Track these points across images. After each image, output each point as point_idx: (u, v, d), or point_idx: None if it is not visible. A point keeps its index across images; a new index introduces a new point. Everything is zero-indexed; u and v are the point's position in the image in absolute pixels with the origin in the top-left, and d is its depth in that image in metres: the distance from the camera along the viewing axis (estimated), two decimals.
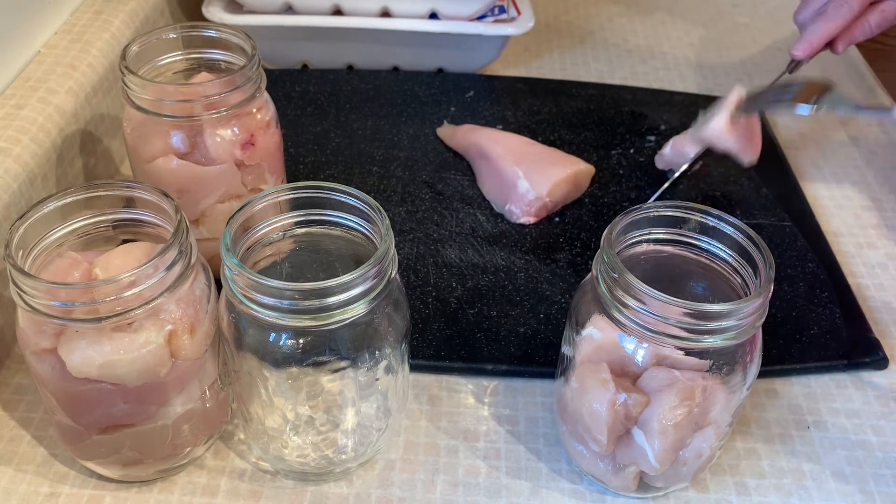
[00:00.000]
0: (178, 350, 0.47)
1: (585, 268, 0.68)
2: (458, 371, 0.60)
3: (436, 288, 0.65)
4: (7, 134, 0.62)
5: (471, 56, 0.90)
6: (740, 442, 0.56)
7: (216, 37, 0.62)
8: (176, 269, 0.46)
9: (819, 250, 0.70)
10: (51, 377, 0.46)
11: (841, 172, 0.81)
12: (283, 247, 0.51)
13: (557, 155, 0.75)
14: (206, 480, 0.53)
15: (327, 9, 0.85)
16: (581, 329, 0.50)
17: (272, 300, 0.44)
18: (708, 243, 0.50)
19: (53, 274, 0.47)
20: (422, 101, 0.86)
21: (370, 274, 0.44)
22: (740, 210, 0.74)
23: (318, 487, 0.53)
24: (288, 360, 0.48)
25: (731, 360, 0.47)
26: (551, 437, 0.56)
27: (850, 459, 0.56)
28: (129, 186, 0.50)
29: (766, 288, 0.45)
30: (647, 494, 0.52)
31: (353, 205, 0.49)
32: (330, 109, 0.84)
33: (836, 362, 0.61)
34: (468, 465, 0.54)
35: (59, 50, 0.71)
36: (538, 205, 0.70)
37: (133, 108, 0.58)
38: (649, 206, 0.50)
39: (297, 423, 0.51)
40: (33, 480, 0.52)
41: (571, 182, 0.72)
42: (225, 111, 0.57)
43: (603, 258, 0.47)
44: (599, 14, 1.06)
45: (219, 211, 0.61)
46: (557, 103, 0.86)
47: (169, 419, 0.49)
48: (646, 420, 0.48)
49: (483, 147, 0.76)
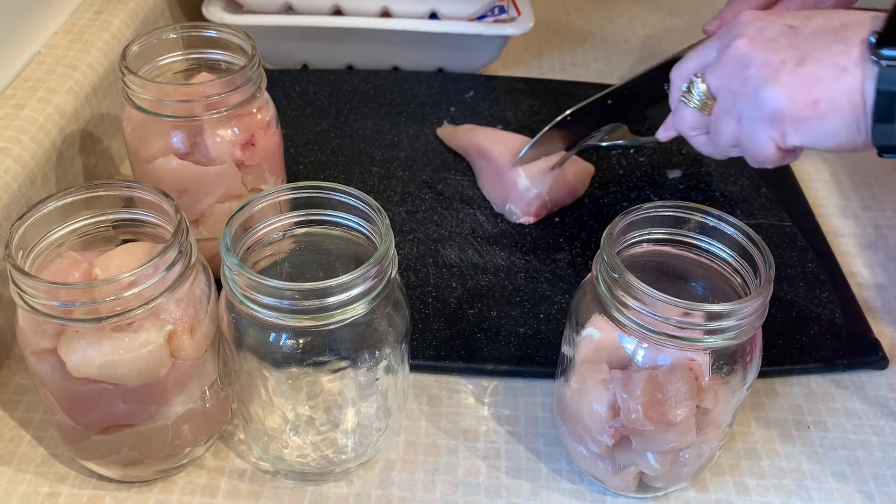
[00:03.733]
0: (178, 350, 0.47)
1: (585, 268, 0.68)
2: (458, 371, 0.60)
3: (436, 288, 0.65)
4: (7, 134, 0.62)
5: (471, 56, 0.90)
6: (740, 442, 0.56)
7: (217, 37, 0.62)
8: (176, 269, 0.46)
9: (819, 250, 0.70)
10: (51, 377, 0.46)
11: (841, 172, 0.81)
12: (283, 247, 0.51)
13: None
14: (206, 480, 0.53)
15: (327, 9, 0.85)
16: (581, 329, 0.50)
17: (272, 300, 0.44)
18: (708, 243, 0.50)
19: (53, 274, 0.47)
20: (422, 101, 0.86)
21: (370, 274, 0.45)
22: (740, 210, 0.74)
23: (318, 487, 0.53)
24: (288, 360, 0.48)
25: (731, 360, 0.47)
26: (551, 437, 0.56)
27: (850, 459, 0.56)
28: (129, 186, 0.50)
29: (766, 288, 0.45)
30: (647, 494, 0.52)
31: (353, 205, 0.49)
32: (330, 109, 0.84)
33: (836, 362, 0.61)
34: (468, 465, 0.54)
35: (59, 50, 0.71)
36: (538, 203, 0.70)
37: (133, 108, 0.58)
38: (649, 206, 0.50)
39: (297, 423, 0.51)
40: (33, 480, 0.52)
41: (571, 180, 0.72)
42: (225, 111, 0.57)
43: (603, 258, 0.47)
44: (599, 14, 1.06)
45: (219, 211, 0.61)
46: (557, 103, 0.86)
47: (169, 419, 0.49)
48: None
49: (483, 147, 0.76)
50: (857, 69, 0.48)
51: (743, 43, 0.53)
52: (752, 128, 0.53)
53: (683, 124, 0.58)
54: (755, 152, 0.54)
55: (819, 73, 0.49)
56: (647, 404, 0.46)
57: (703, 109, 0.57)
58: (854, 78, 0.48)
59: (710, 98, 0.56)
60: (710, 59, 0.56)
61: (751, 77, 0.52)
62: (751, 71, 0.52)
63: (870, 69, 0.48)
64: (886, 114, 0.47)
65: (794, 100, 0.50)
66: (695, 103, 0.56)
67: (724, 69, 0.54)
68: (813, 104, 0.49)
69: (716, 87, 0.55)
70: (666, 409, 0.46)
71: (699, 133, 0.59)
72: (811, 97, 0.49)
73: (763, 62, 0.51)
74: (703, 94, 0.56)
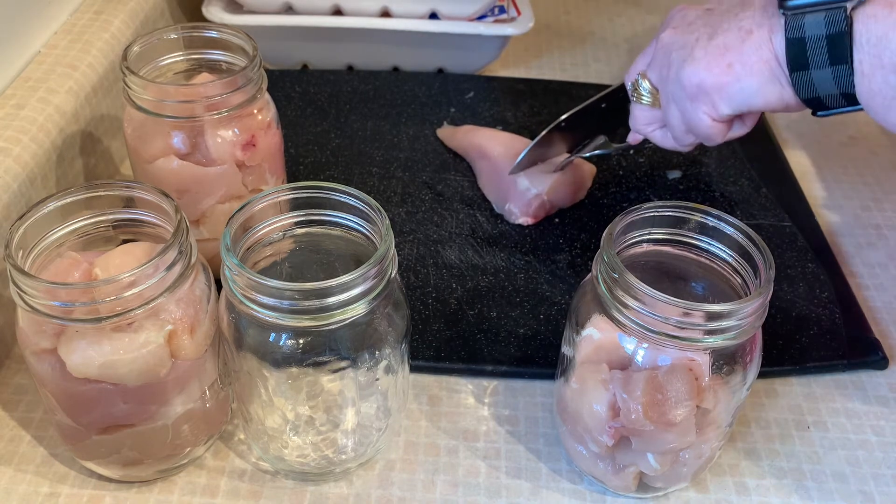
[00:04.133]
0: (178, 350, 0.47)
1: (585, 268, 0.68)
2: (458, 372, 0.60)
3: (436, 289, 0.65)
4: (7, 134, 0.62)
5: (471, 56, 0.90)
6: (740, 442, 0.56)
7: (217, 37, 0.62)
8: (176, 269, 0.46)
9: (819, 250, 0.70)
10: (51, 377, 0.46)
11: (841, 172, 0.81)
12: (283, 247, 0.51)
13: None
14: (206, 480, 0.53)
15: (327, 9, 0.85)
16: (581, 329, 0.50)
17: (272, 300, 0.44)
18: (708, 243, 0.50)
19: (53, 274, 0.47)
20: (422, 102, 0.86)
21: (370, 274, 0.45)
22: (740, 210, 0.74)
23: (318, 487, 0.53)
24: (288, 360, 0.48)
25: (731, 360, 0.47)
26: (551, 437, 0.56)
27: (850, 459, 0.56)
28: (129, 186, 0.50)
29: (766, 288, 0.45)
30: (647, 494, 0.52)
31: (353, 205, 0.49)
32: (330, 110, 0.84)
33: (836, 362, 0.61)
34: (468, 465, 0.54)
35: (59, 50, 0.71)
36: (537, 203, 0.70)
37: (134, 108, 0.58)
38: (649, 206, 0.50)
39: (297, 423, 0.51)
40: (33, 480, 0.52)
41: (571, 182, 0.72)
42: (226, 112, 0.57)
43: (603, 258, 0.47)
44: (599, 14, 1.06)
45: (219, 211, 0.61)
46: (557, 104, 0.86)
47: (169, 419, 0.49)
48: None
49: (483, 147, 0.76)
50: (763, 28, 0.52)
51: (667, 33, 0.58)
52: (685, 107, 0.57)
53: (638, 122, 0.64)
54: (697, 130, 0.58)
55: (727, 41, 0.53)
56: (647, 404, 0.46)
57: (654, 104, 0.61)
58: (760, 37, 0.52)
59: (656, 91, 0.60)
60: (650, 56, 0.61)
61: (673, 61, 0.56)
62: (673, 56, 0.56)
63: (776, 23, 0.51)
64: (799, 61, 0.50)
65: (710, 69, 0.54)
66: (644, 100, 0.61)
67: (656, 61, 0.59)
68: (727, 69, 0.53)
69: (655, 80, 0.60)
70: (666, 410, 0.46)
71: (655, 128, 0.63)
72: (725, 62, 0.53)
73: (681, 45, 0.56)
74: (648, 90, 0.60)
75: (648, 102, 0.60)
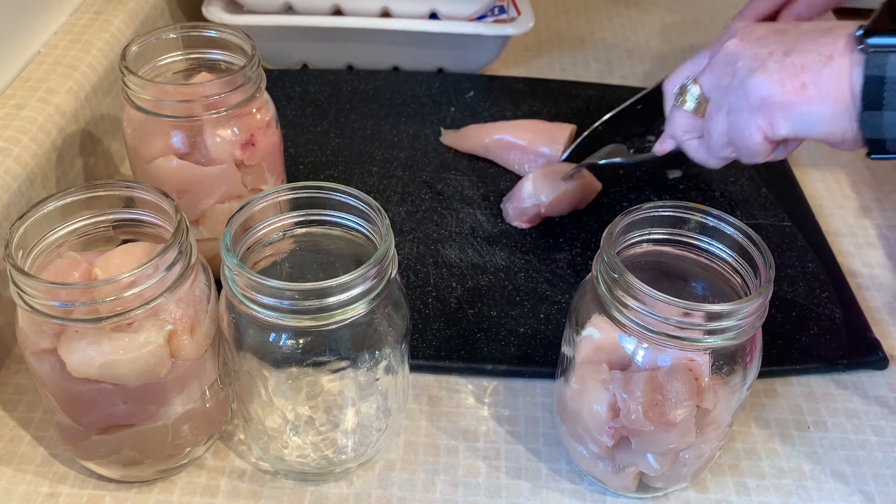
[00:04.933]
0: (178, 350, 0.47)
1: (585, 268, 0.68)
2: (458, 371, 0.60)
3: (436, 288, 0.65)
4: (7, 134, 0.62)
5: (471, 56, 0.90)
6: (740, 442, 0.56)
7: (216, 37, 0.62)
8: (176, 269, 0.46)
9: (819, 250, 0.70)
10: (51, 377, 0.46)
11: (841, 172, 0.81)
12: (283, 247, 0.51)
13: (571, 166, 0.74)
14: (206, 480, 0.53)
15: (327, 9, 0.85)
16: (581, 329, 0.50)
17: (272, 300, 0.44)
18: (708, 243, 0.50)
19: (53, 274, 0.47)
20: (422, 102, 0.86)
21: (370, 274, 0.45)
22: (740, 210, 0.74)
23: (318, 487, 0.53)
24: (288, 360, 0.48)
25: (731, 360, 0.47)
26: (551, 437, 0.56)
27: (850, 459, 0.56)
28: (129, 186, 0.50)
29: (766, 288, 0.45)
30: (647, 494, 0.52)
31: (353, 205, 0.49)
32: (330, 110, 0.84)
33: (836, 362, 0.61)
34: (468, 465, 0.54)
35: (59, 50, 0.71)
36: (533, 212, 0.70)
37: (133, 108, 0.58)
38: (649, 206, 0.50)
39: (297, 423, 0.51)
40: (33, 480, 0.52)
41: (571, 199, 0.71)
42: (225, 111, 0.57)
43: (603, 258, 0.47)
44: (599, 14, 1.06)
45: (219, 211, 0.61)
46: (557, 103, 0.86)
47: (169, 419, 0.49)
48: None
49: (509, 138, 0.76)
50: (844, 58, 0.50)
51: (733, 42, 0.55)
52: (740, 118, 0.55)
53: (677, 128, 0.61)
54: (744, 144, 0.56)
55: (806, 62, 0.51)
56: (647, 405, 0.46)
57: (697, 111, 0.59)
58: (840, 65, 0.50)
59: (704, 99, 0.58)
60: (702, 65, 0.59)
61: (739, 69, 0.54)
62: (739, 64, 0.54)
63: (857, 57, 0.49)
64: (874, 100, 0.49)
65: (783, 85, 0.51)
66: (689, 106, 0.59)
67: (714, 69, 0.57)
68: (801, 89, 0.51)
69: (708, 87, 0.57)
70: (666, 410, 0.46)
71: (692, 137, 0.61)
72: (799, 82, 0.51)
73: (751, 55, 0.54)
74: (696, 97, 0.58)
75: (692, 109, 0.58)
